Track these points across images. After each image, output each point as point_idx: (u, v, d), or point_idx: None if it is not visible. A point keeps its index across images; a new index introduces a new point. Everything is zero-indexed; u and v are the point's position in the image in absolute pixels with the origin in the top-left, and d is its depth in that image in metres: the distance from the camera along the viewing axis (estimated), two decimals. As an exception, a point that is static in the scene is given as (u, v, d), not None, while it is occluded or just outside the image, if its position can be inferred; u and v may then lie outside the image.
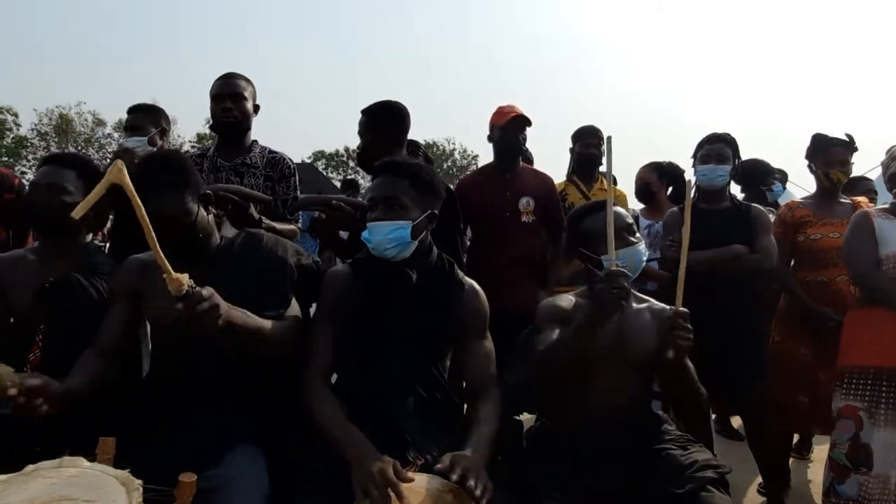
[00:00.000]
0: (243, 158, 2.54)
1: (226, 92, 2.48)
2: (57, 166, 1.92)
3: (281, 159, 2.60)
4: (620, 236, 1.80)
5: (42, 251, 1.95)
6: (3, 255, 2.01)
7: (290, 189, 2.58)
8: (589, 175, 3.45)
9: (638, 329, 1.81)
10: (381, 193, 1.69)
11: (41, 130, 33.03)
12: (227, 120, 2.48)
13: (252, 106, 2.56)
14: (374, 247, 1.68)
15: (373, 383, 1.66)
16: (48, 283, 1.80)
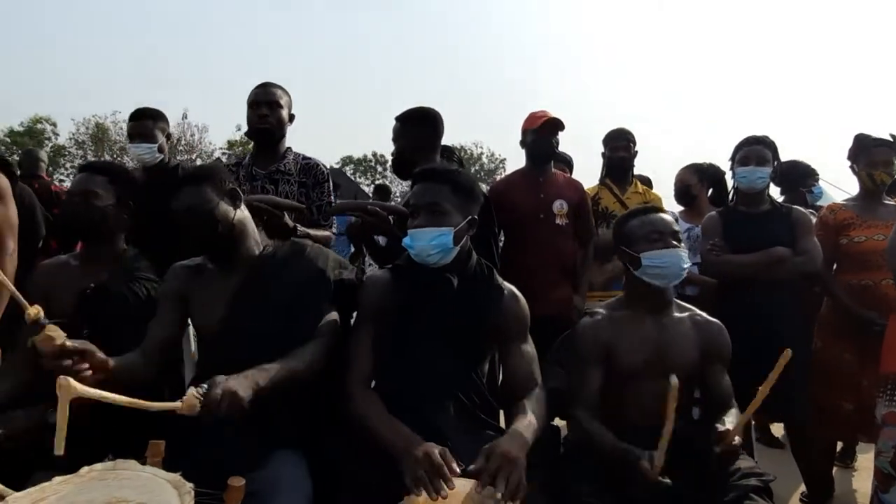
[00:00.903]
0: (278, 166, 2.58)
1: (263, 99, 2.53)
2: (89, 173, 1.97)
3: (315, 165, 2.64)
4: (663, 239, 1.82)
5: (83, 257, 2.00)
6: (46, 262, 2.07)
7: (323, 195, 2.61)
8: (622, 178, 3.41)
9: (678, 338, 1.80)
10: (423, 200, 1.70)
11: (78, 139, 33.89)
12: (263, 126, 2.52)
13: (287, 114, 2.61)
14: (416, 253, 1.69)
15: (412, 389, 1.67)
16: (88, 289, 1.85)
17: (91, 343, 1.54)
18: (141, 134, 2.80)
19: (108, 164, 2.07)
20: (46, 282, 1.95)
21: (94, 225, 1.92)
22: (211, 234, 1.70)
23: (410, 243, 1.69)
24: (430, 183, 1.72)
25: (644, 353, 1.79)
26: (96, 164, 2.04)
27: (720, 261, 2.68)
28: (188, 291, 1.76)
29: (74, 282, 1.89)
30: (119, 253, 2.01)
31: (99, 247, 1.98)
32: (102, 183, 1.95)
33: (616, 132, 3.45)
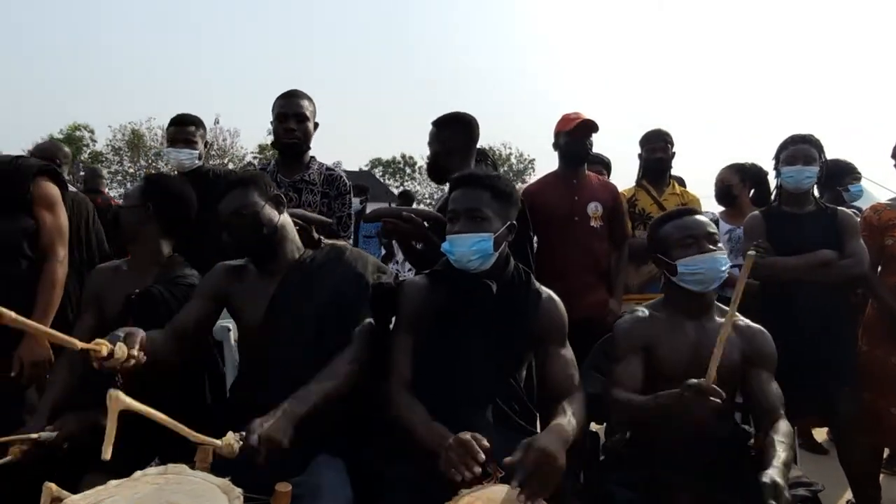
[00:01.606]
0: (302, 175, 2.63)
1: (290, 111, 2.57)
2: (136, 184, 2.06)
3: (338, 177, 2.69)
4: (699, 243, 1.78)
5: (132, 262, 2.07)
6: (101, 266, 2.14)
7: (344, 206, 2.67)
8: (659, 179, 3.37)
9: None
10: (463, 206, 1.70)
11: (115, 146, 34.79)
12: (290, 141, 2.58)
13: (312, 125, 2.66)
14: (456, 259, 1.69)
15: (451, 394, 1.67)
16: (133, 294, 1.91)
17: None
18: (183, 139, 2.86)
19: (154, 174, 2.17)
20: (98, 285, 2.04)
21: (115, 228, 2.05)
22: (256, 237, 1.75)
23: (450, 249, 1.69)
24: (470, 188, 1.72)
25: (683, 357, 1.76)
26: (147, 177, 2.15)
27: (764, 263, 2.62)
28: (229, 290, 1.81)
29: (123, 286, 1.96)
30: (163, 259, 2.06)
31: (140, 252, 2.05)
32: (137, 187, 2.06)
33: (653, 133, 3.41)
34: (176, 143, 2.88)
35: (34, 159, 2.36)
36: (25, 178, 2.19)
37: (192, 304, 1.80)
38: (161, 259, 2.06)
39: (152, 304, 1.87)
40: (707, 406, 1.48)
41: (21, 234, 2.19)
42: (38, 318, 2.15)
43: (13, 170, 2.20)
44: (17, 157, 2.29)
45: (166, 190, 2.09)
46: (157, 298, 1.88)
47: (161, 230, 2.07)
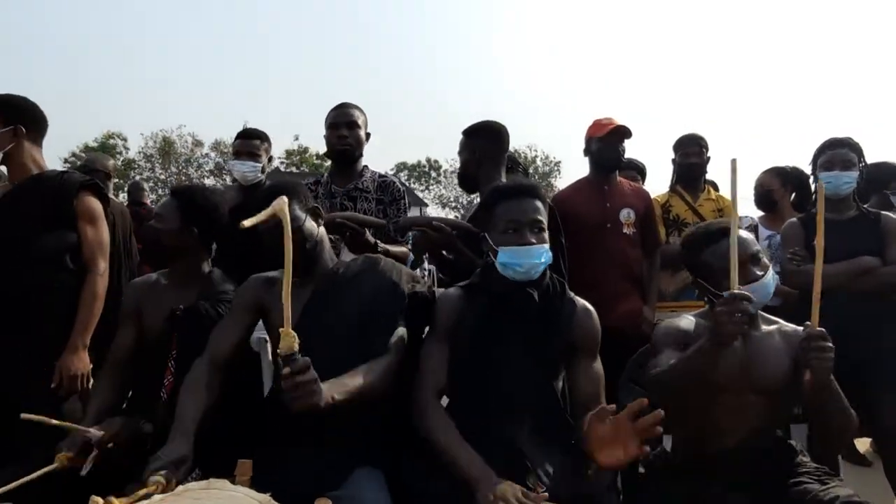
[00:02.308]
0: (356, 184, 2.64)
1: (342, 121, 2.60)
2: (168, 197, 2.05)
3: (391, 183, 2.71)
4: (745, 269, 1.69)
5: (172, 277, 2.07)
6: (137, 280, 2.16)
7: (399, 211, 2.67)
8: (693, 185, 3.30)
9: (766, 353, 1.71)
10: (528, 217, 1.69)
11: (147, 153, 35.58)
12: (342, 147, 2.60)
13: (364, 133, 2.67)
14: (524, 271, 1.67)
15: (489, 405, 1.66)
16: (178, 310, 1.91)
17: (179, 363, 1.62)
18: (248, 152, 2.92)
19: (183, 189, 2.11)
20: (137, 300, 2.03)
21: (158, 247, 2.00)
22: (299, 251, 1.74)
23: (517, 261, 1.67)
24: (527, 199, 1.71)
25: (727, 367, 1.70)
26: (176, 188, 2.11)
27: (801, 271, 2.55)
28: (264, 302, 1.80)
29: (163, 301, 1.96)
30: (204, 274, 2.06)
31: (180, 268, 2.05)
32: (172, 207, 2.01)
33: (687, 137, 3.34)
34: (240, 155, 2.94)
35: (78, 174, 2.40)
36: (69, 193, 2.23)
37: (227, 325, 1.79)
38: (201, 274, 2.06)
39: (198, 320, 1.87)
40: (743, 314, 1.45)
41: (64, 247, 2.23)
42: (80, 330, 2.21)
43: (58, 185, 2.24)
44: (63, 173, 2.33)
45: (204, 207, 2.06)
46: (203, 315, 1.89)
47: (203, 247, 2.07)
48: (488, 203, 1.78)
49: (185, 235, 2.00)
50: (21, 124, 2.23)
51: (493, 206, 1.75)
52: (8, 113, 2.22)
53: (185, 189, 2.11)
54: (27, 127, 2.25)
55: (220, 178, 35.74)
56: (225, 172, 35.51)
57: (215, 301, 1.95)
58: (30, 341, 2.17)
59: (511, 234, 1.68)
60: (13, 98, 2.27)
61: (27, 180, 2.24)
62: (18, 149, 2.23)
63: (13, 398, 2.12)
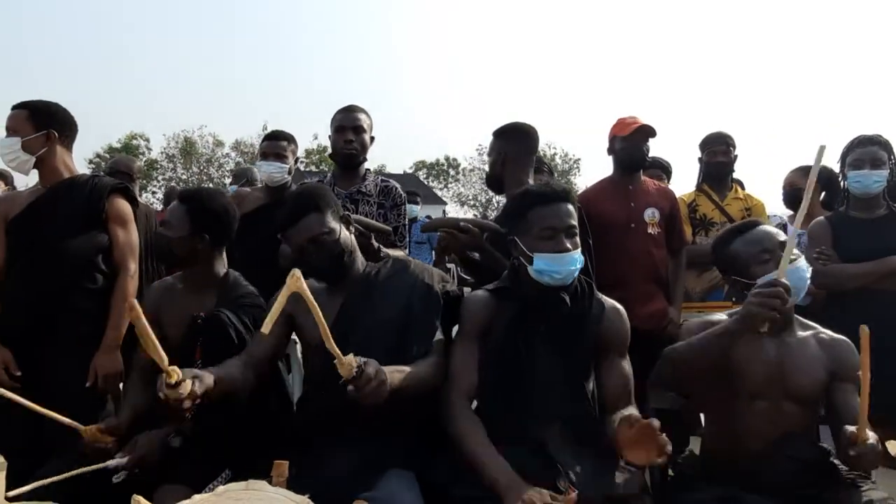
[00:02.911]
0: (358, 187, 2.68)
1: (348, 125, 2.63)
2: (176, 202, 2.00)
3: (393, 188, 2.74)
4: (775, 258, 1.69)
5: (188, 282, 2.04)
6: (155, 285, 2.16)
7: (400, 217, 2.70)
8: (720, 184, 3.26)
9: (801, 359, 1.69)
10: (564, 223, 1.69)
11: (169, 153, 36.01)
12: (348, 151, 2.63)
13: (369, 138, 2.71)
14: (560, 278, 1.67)
15: (519, 408, 1.67)
16: (200, 318, 1.87)
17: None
18: (275, 154, 2.95)
19: (191, 194, 2.06)
20: (156, 305, 2.01)
21: (169, 254, 1.99)
22: (336, 262, 1.76)
23: (554, 268, 1.66)
24: (562, 203, 1.71)
25: (763, 372, 1.69)
26: (184, 192, 2.07)
27: (827, 271, 2.52)
28: (295, 310, 1.79)
29: (182, 306, 1.95)
30: (220, 277, 2.02)
31: (195, 273, 2.01)
32: (182, 213, 1.96)
33: (713, 136, 3.30)
34: (267, 156, 2.97)
35: (108, 178, 2.46)
36: (101, 196, 2.29)
37: (261, 337, 1.76)
38: (217, 277, 2.03)
39: (220, 328, 1.85)
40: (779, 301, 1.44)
41: (96, 249, 2.29)
42: (113, 330, 2.26)
43: (90, 188, 2.30)
44: (94, 177, 2.39)
45: (213, 212, 1.99)
46: (225, 322, 1.86)
47: (216, 251, 2.04)
48: (521, 207, 1.76)
49: (196, 242, 1.95)
50: (53, 129, 2.29)
51: (527, 211, 1.73)
52: (40, 118, 2.27)
53: (193, 194, 2.05)
54: (59, 132, 2.31)
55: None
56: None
57: (236, 307, 1.92)
58: (65, 341, 2.22)
59: (547, 240, 1.67)
60: (45, 104, 2.33)
61: (60, 184, 2.31)
62: (51, 153, 2.29)
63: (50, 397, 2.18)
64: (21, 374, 2.17)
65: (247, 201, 3.00)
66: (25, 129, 2.25)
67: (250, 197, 3.03)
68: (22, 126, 2.25)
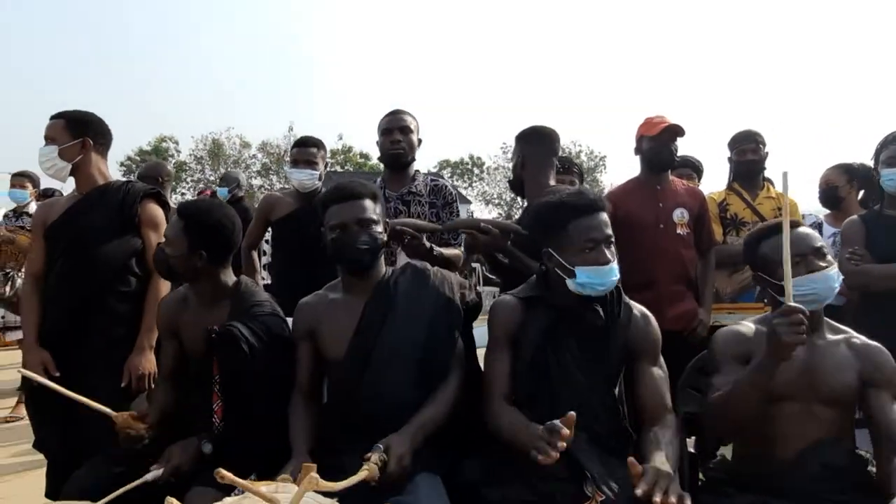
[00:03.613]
0: (409, 188, 2.69)
1: (395, 126, 2.65)
2: (175, 217, 1.95)
3: (443, 187, 2.75)
4: (806, 261, 1.66)
5: (198, 295, 1.98)
6: (168, 298, 2.13)
7: (452, 214, 2.70)
8: (751, 182, 3.19)
9: (831, 361, 1.66)
10: (604, 234, 1.68)
11: (197, 155, 36.60)
12: (395, 151, 2.65)
13: (416, 139, 2.71)
14: (604, 289, 1.66)
15: (548, 414, 1.66)
16: (214, 332, 1.81)
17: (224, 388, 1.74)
18: (305, 160, 3.02)
19: (187, 208, 1.99)
20: (170, 319, 2.00)
21: (168, 271, 1.98)
22: (372, 254, 1.79)
23: (598, 280, 1.64)
24: (599, 213, 1.69)
25: (790, 375, 1.65)
26: (182, 207, 2.01)
27: (859, 271, 2.46)
28: (315, 325, 1.83)
29: (197, 320, 1.92)
30: (230, 287, 1.97)
31: (202, 287, 1.96)
32: (178, 229, 1.90)
33: (742, 134, 3.24)
34: (298, 163, 3.03)
35: (140, 183, 2.53)
36: (133, 202, 2.36)
37: (302, 358, 1.84)
38: (227, 288, 1.97)
39: (234, 342, 1.78)
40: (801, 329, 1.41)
41: (130, 253, 2.35)
42: (145, 332, 2.32)
43: (124, 194, 2.37)
44: (127, 182, 2.46)
45: (211, 227, 1.92)
46: (238, 336, 1.79)
47: (219, 265, 1.97)
48: (557, 220, 1.71)
49: (196, 260, 1.89)
50: (88, 137, 2.36)
51: (566, 224, 1.68)
52: (76, 127, 2.35)
53: (190, 209, 1.98)
54: (93, 139, 2.38)
55: (267, 179, 36.50)
56: (271, 173, 36.26)
57: (249, 317, 1.85)
58: (100, 343, 2.28)
59: (589, 252, 1.65)
60: (81, 113, 2.40)
61: (95, 190, 2.38)
62: (86, 160, 2.37)
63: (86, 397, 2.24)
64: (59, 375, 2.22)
65: (279, 207, 3.06)
66: (62, 137, 2.33)
67: (282, 203, 3.09)
68: (59, 134, 2.33)
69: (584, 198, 1.72)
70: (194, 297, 1.99)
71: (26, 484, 3.19)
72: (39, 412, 2.31)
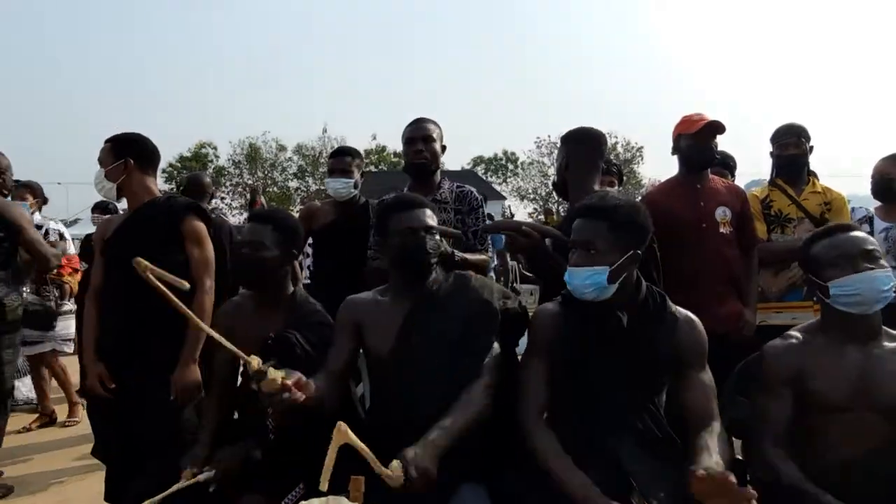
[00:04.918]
0: (434, 196, 2.69)
1: (417, 135, 2.67)
2: (256, 223, 2.07)
3: (469, 192, 2.75)
4: (852, 263, 1.65)
5: (255, 302, 2.08)
6: (225, 306, 2.21)
7: (478, 220, 2.70)
8: (795, 177, 3.10)
9: (890, 372, 1.61)
10: (580, 238, 1.69)
11: (235, 160, 37.37)
12: (419, 161, 2.67)
13: (440, 146, 2.73)
14: (573, 290, 1.69)
15: (589, 420, 1.66)
16: (270, 339, 1.90)
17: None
18: (340, 169, 3.07)
19: (272, 214, 2.13)
20: (227, 325, 2.06)
21: (262, 276, 2.02)
22: (428, 262, 1.85)
23: (569, 280, 1.69)
24: (588, 219, 1.69)
25: (845, 386, 1.62)
26: (262, 213, 2.14)
27: None
28: (362, 321, 1.87)
29: (254, 327, 1.97)
30: (288, 296, 2.07)
31: (271, 292, 2.06)
32: (269, 233, 2.02)
33: (784, 128, 3.14)
34: (334, 173, 3.10)
35: (183, 198, 2.59)
36: (177, 217, 2.43)
37: (340, 346, 1.86)
38: (286, 296, 2.07)
39: (290, 350, 1.89)
40: None
41: (174, 267, 2.39)
42: (190, 345, 2.36)
43: (167, 209, 2.44)
44: (170, 197, 2.53)
45: (296, 229, 2.09)
46: (294, 343, 1.90)
47: (289, 272, 2.09)
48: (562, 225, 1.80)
49: (285, 259, 2.04)
50: (129, 157, 2.45)
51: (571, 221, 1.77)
52: (119, 149, 2.46)
53: (274, 213, 2.12)
54: (135, 159, 2.47)
55: (303, 181, 37.02)
56: (307, 175, 36.77)
57: (303, 326, 1.96)
58: (149, 356, 2.35)
59: (571, 253, 1.71)
60: (125, 135, 2.51)
61: (141, 207, 2.46)
62: (130, 179, 2.46)
63: (137, 409, 2.32)
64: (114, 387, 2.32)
65: (319, 216, 3.11)
66: (108, 159, 2.44)
67: (322, 212, 3.15)
68: (105, 157, 2.45)
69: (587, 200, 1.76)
70: (253, 305, 2.06)
71: (86, 486, 3.33)
72: (100, 419, 2.40)
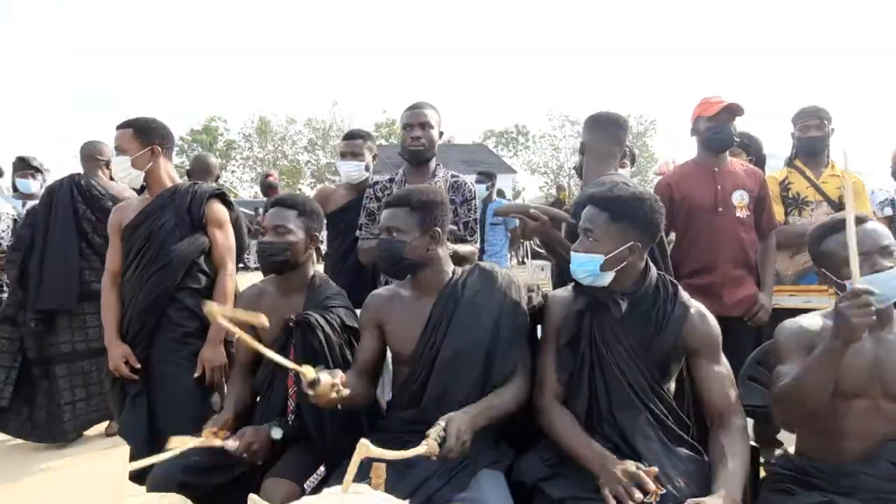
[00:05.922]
0: (429, 183, 2.68)
1: (415, 121, 2.67)
2: (280, 208, 2.09)
3: (463, 183, 2.78)
4: (870, 260, 1.61)
5: (277, 285, 2.14)
6: (246, 291, 2.25)
7: (470, 211, 2.71)
8: (815, 160, 3.07)
9: None
10: (582, 224, 1.74)
11: (245, 133, 37.31)
12: (415, 147, 2.67)
13: (437, 133, 2.73)
14: (572, 273, 1.75)
15: (598, 401, 1.70)
16: (291, 321, 1.96)
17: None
18: (351, 152, 3.08)
19: (295, 199, 2.16)
20: (250, 308, 2.04)
21: (288, 259, 2.05)
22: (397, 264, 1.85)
23: (571, 263, 1.74)
24: (591, 207, 1.73)
25: (859, 371, 1.62)
26: (286, 198, 2.15)
27: None
28: (384, 317, 1.89)
29: (274, 309, 2.00)
30: (309, 280, 2.13)
31: (293, 276, 2.10)
32: (293, 218, 2.07)
33: (806, 109, 3.10)
34: (345, 156, 3.11)
35: (206, 185, 2.62)
36: (201, 203, 2.46)
37: (366, 343, 1.89)
38: (307, 279, 2.13)
39: (311, 330, 1.94)
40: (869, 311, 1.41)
41: (199, 251, 2.46)
42: (217, 325, 2.41)
43: (191, 196, 2.48)
44: (193, 184, 2.57)
45: (318, 213, 2.17)
46: (315, 325, 1.95)
47: (312, 256, 2.16)
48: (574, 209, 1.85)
49: (309, 244, 2.10)
50: (155, 144, 2.46)
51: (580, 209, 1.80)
52: (144, 135, 2.45)
53: (298, 198, 2.16)
54: (161, 145, 2.48)
55: (314, 154, 36.94)
56: (317, 147, 36.68)
57: (323, 308, 2.02)
58: (174, 336, 2.41)
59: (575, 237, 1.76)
60: (145, 120, 2.50)
61: (165, 192, 2.49)
62: (156, 166, 2.48)
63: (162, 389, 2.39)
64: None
65: (333, 200, 3.13)
66: (132, 146, 2.43)
67: (335, 196, 3.16)
68: (129, 144, 2.43)
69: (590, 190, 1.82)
70: (274, 289, 2.13)
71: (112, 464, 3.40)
72: (124, 402, 2.46)
